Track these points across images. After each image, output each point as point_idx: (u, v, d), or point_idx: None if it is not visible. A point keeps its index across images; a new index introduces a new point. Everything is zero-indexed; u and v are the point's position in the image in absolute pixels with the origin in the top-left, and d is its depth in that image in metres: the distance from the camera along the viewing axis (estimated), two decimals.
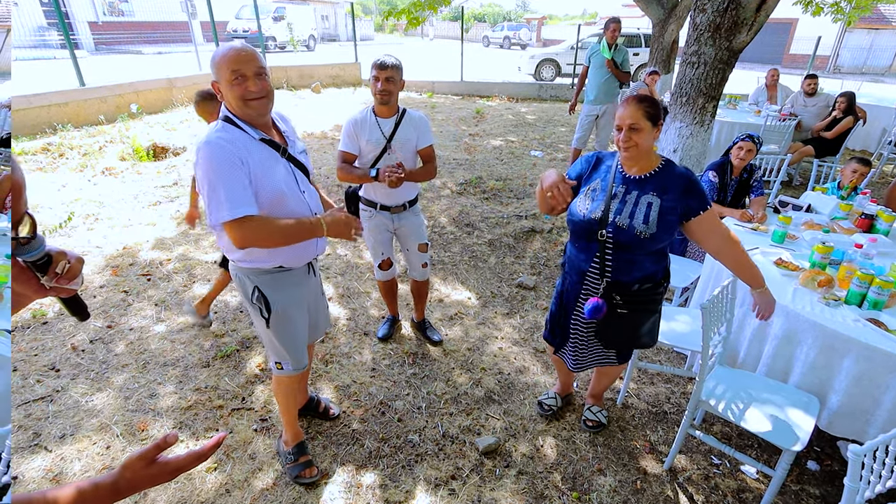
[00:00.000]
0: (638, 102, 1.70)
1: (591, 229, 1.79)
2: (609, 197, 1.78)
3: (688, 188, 1.72)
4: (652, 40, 7.77)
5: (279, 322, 1.80)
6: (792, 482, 2.10)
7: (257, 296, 1.75)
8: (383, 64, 2.29)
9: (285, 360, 1.89)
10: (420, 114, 2.50)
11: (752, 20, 3.91)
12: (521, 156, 6.75)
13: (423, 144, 2.49)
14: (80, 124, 6.65)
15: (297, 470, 2.04)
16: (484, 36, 32.88)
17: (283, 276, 1.78)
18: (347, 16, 26.96)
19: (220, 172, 1.47)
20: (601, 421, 2.34)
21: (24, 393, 2.42)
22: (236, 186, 1.49)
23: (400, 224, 2.61)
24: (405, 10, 7.27)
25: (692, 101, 4.40)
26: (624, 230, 1.73)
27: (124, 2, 18.72)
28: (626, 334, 1.95)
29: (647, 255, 1.78)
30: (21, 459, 2.07)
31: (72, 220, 4.18)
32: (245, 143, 1.56)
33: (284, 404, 2.04)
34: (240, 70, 1.51)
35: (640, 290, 1.83)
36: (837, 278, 2.22)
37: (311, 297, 1.97)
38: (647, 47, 12.85)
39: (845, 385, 1.88)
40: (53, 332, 2.88)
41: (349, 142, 2.43)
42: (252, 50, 1.55)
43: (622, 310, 1.85)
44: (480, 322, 3.18)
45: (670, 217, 1.72)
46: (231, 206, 1.47)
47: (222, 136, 1.53)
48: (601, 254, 1.80)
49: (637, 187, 1.77)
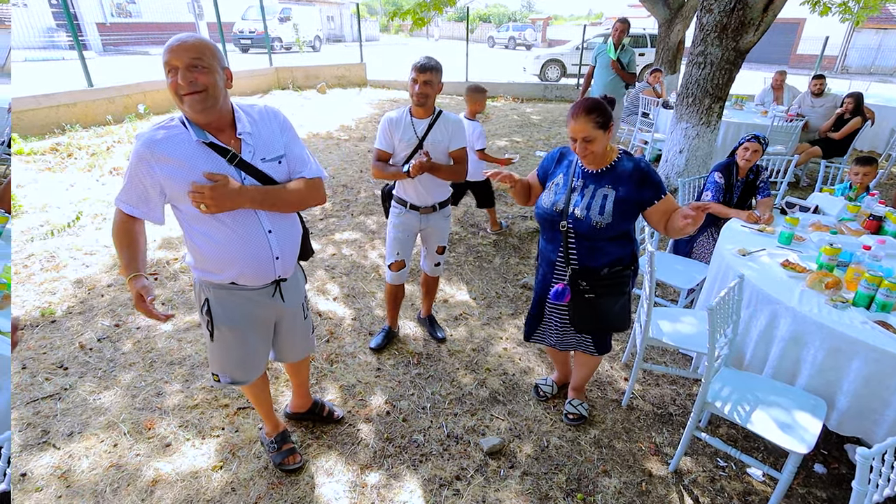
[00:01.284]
0: (587, 114, 1.78)
1: (553, 220, 1.94)
2: (570, 190, 1.93)
3: (641, 180, 1.84)
4: (658, 41, 7.75)
5: (224, 339, 1.72)
6: (798, 485, 2.09)
7: (206, 309, 1.68)
8: (423, 66, 2.31)
9: (224, 374, 1.80)
10: (456, 117, 2.49)
11: (759, 20, 3.89)
12: (526, 156, 6.74)
13: (454, 147, 2.47)
14: (88, 124, 6.70)
15: (280, 457, 2.07)
16: (489, 36, 32.88)
17: (238, 294, 1.67)
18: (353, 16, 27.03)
19: (129, 171, 1.46)
20: (582, 413, 2.38)
21: (33, 391, 2.44)
22: (130, 189, 1.47)
23: (427, 225, 2.62)
24: (410, 11, 7.29)
25: (698, 101, 4.38)
26: (581, 220, 1.86)
27: (132, 3, 18.86)
28: (595, 318, 2.04)
29: (609, 240, 1.90)
30: (30, 456, 2.09)
31: (80, 220, 4.22)
32: (177, 144, 1.44)
33: (254, 402, 2.05)
34: (171, 62, 1.35)
35: (608, 274, 1.94)
36: (845, 280, 2.21)
37: (281, 317, 1.85)
38: (652, 47, 12.81)
39: (854, 387, 1.87)
40: (62, 330, 2.90)
41: (384, 139, 2.45)
42: (196, 40, 1.37)
43: (589, 294, 1.97)
44: (485, 323, 3.18)
45: (625, 206, 1.85)
46: (118, 197, 1.49)
47: (154, 134, 1.44)
48: (564, 243, 1.94)
49: (594, 181, 1.91)
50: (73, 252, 3.74)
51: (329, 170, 5.95)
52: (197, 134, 1.45)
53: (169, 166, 1.44)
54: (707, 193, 3.17)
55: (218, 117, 1.47)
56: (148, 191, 1.47)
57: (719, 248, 2.65)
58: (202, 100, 1.39)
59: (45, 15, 14.52)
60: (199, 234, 1.55)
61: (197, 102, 1.39)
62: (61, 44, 13.41)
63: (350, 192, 5.31)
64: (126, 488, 1.98)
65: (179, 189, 1.45)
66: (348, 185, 5.50)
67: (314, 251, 2.32)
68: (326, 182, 5.49)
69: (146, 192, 1.47)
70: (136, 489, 1.98)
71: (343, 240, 4.23)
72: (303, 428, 2.31)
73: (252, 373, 1.85)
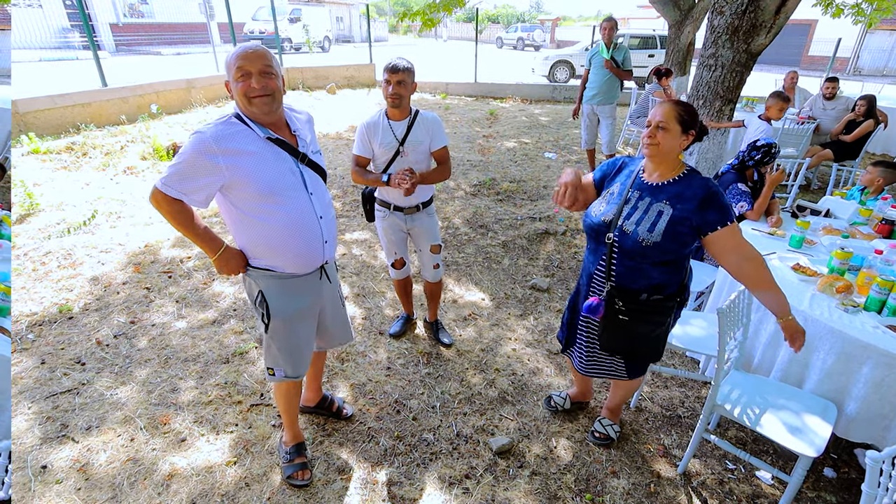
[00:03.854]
0: (675, 105, 1.69)
1: (599, 231, 1.80)
2: (623, 201, 1.77)
3: (706, 200, 1.64)
4: (668, 42, 7.72)
5: (278, 330, 1.80)
6: (808, 489, 2.09)
7: (260, 300, 1.75)
8: (395, 67, 2.30)
9: (279, 368, 1.87)
10: (433, 115, 2.50)
11: (771, 22, 3.87)
12: (535, 157, 6.75)
13: (436, 146, 2.49)
14: (102, 124, 6.80)
15: (291, 470, 2.04)
16: (497, 37, 32.86)
17: (290, 283, 1.77)
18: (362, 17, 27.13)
19: (187, 157, 1.52)
20: (609, 435, 2.28)
21: (52, 385, 2.50)
22: (186, 174, 1.52)
23: (413, 225, 2.64)
24: (420, 12, 7.31)
25: (708, 103, 4.37)
26: (628, 235, 1.71)
27: (144, 3, 19.06)
28: (625, 342, 1.87)
29: (654, 265, 1.73)
30: (49, 449, 2.14)
31: (95, 218, 4.29)
32: (243, 140, 1.57)
33: (283, 406, 2.05)
34: (244, 67, 1.52)
35: (647, 301, 1.78)
36: (856, 284, 2.21)
37: (324, 304, 1.95)
38: (663, 49, 12.75)
39: (864, 392, 1.87)
40: (79, 326, 2.96)
41: (362, 145, 2.46)
42: (263, 50, 1.56)
43: (623, 316, 1.80)
44: (494, 323, 3.20)
45: (681, 228, 1.65)
46: (167, 179, 1.53)
47: (218, 130, 1.55)
48: (608, 257, 1.80)
49: (651, 194, 1.74)
50: (89, 250, 3.81)
51: (338, 170, 5.99)
52: (263, 131, 1.61)
53: (237, 158, 1.56)
54: (743, 204, 3.05)
55: (278, 118, 1.67)
56: (203, 179, 1.54)
57: None
58: (270, 102, 1.57)
59: (60, 15, 14.73)
60: (257, 223, 1.65)
61: (266, 104, 1.57)
62: (75, 44, 13.60)
63: (359, 192, 5.34)
64: (143, 482, 2.02)
65: (245, 179, 1.57)
66: (358, 185, 5.54)
67: None
68: (335, 182, 5.55)
69: (200, 180, 1.54)
70: (152, 483, 2.02)
71: (353, 240, 4.27)
72: (315, 425, 2.34)
73: (302, 367, 1.93)
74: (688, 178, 1.72)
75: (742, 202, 3.03)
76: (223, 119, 1.59)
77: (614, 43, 5.36)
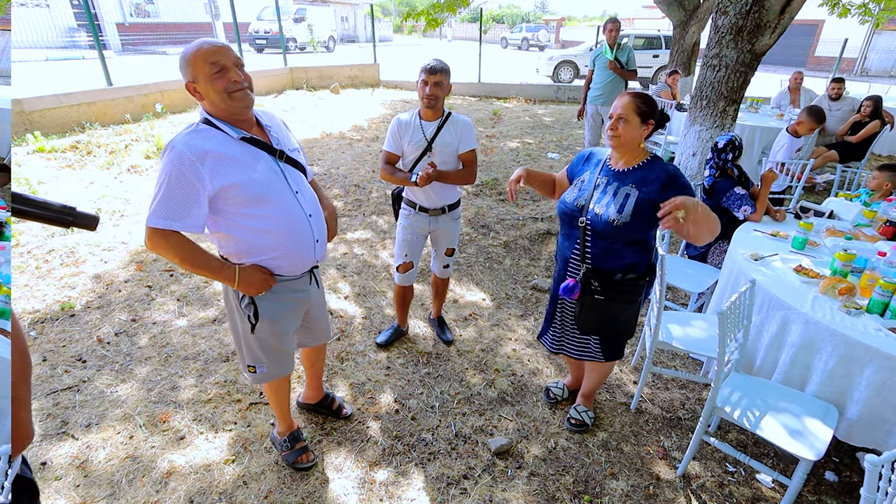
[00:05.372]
0: (632, 97, 1.81)
1: (573, 216, 1.93)
2: (593, 187, 1.92)
3: (668, 182, 1.80)
4: (672, 42, 7.69)
5: (265, 331, 1.75)
6: (809, 492, 2.08)
7: (247, 302, 1.68)
8: (433, 68, 2.31)
9: (261, 365, 1.83)
10: (465, 118, 2.50)
11: (775, 22, 3.85)
12: (538, 158, 6.74)
13: (464, 149, 2.47)
14: (107, 123, 6.83)
15: (293, 456, 2.09)
16: (502, 37, 32.84)
17: (280, 286, 1.72)
18: (367, 17, 27.16)
19: (168, 181, 1.43)
20: (585, 421, 2.34)
21: (53, 382, 2.51)
22: (173, 199, 1.44)
23: (437, 227, 2.63)
24: (424, 12, 7.32)
25: (712, 104, 4.34)
26: (599, 217, 1.84)
27: (150, 3, 19.16)
28: (601, 321, 2.00)
29: (626, 245, 1.86)
30: (49, 446, 2.15)
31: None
32: (219, 145, 1.49)
33: (275, 401, 2.04)
34: (219, 61, 1.45)
35: (621, 280, 1.91)
36: (859, 286, 2.18)
37: (310, 305, 1.91)
38: (667, 49, 12.70)
39: (866, 395, 1.85)
40: (80, 324, 2.97)
41: (392, 142, 2.46)
42: (225, 43, 1.51)
43: (599, 296, 1.93)
44: (494, 323, 3.19)
45: (646, 208, 1.80)
46: (155, 215, 1.44)
47: (191, 140, 1.46)
48: (581, 240, 1.92)
49: (618, 179, 1.88)
50: (92, 248, 3.83)
51: (341, 169, 6.00)
52: (236, 132, 1.54)
53: (218, 165, 1.48)
54: (746, 208, 3.01)
55: (250, 115, 1.61)
56: (194, 195, 1.46)
57: (731, 253, 2.64)
58: (249, 94, 1.54)
59: (67, 15, 14.84)
60: (246, 228, 1.58)
61: (247, 97, 1.53)
62: (82, 43, 13.70)
63: (362, 191, 5.35)
64: (141, 479, 2.03)
65: (229, 186, 1.49)
66: (360, 184, 5.54)
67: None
68: (338, 181, 5.55)
69: (192, 197, 1.45)
70: (150, 480, 2.03)
71: (354, 239, 4.27)
72: (313, 424, 2.34)
73: (287, 365, 1.92)
74: (650, 164, 1.87)
75: (745, 206, 3.01)
76: (191, 128, 1.50)
77: (618, 43, 5.34)
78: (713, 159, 3.09)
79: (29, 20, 13.74)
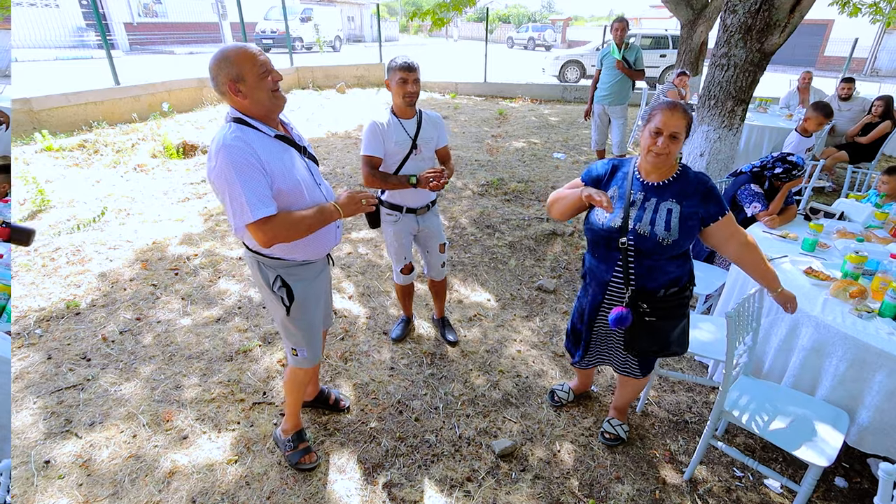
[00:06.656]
0: (683, 112, 1.67)
1: (610, 237, 1.78)
2: (628, 204, 1.77)
3: (706, 194, 1.73)
4: (680, 42, 7.62)
5: (299, 311, 1.84)
6: (818, 499, 2.04)
7: (279, 285, 1.77)
8: (410, 66, 2.29)
9: (301, 348, 1.92)
10: (435, 113, 2.54)
11: (785, 22, 3.80)
12: (544, 158, 6.71)
13: (441, 144, 2.55)
14: (114, 122, 6.87)
15: (297, 456, 2.09)
16: (508, 37, 32.77)
17: (305, 268, 1.83)
18: (373, 17, 27.21)
19: (240, 175, 1.47)
20: (620, 435, 2.27)
21: (57, 380, 2.52)
22: (256, 188, 1.49)
23: (424, 225, 2.62)
24: (430, 11, 7.30)
25: (720, 104, 4.30)
26: (646, 237, 1.72)
27: (158, 3, 19.28)
28: (656, 342, 1.88)
29: (670, 259, 1.77)
30: (53, 444, 2.15)
31: (105, 215, 4.33)
32: (261, 142, 1.56)
33: (293, 396, 2.08)
34: (266, 62, 1.56)
35: (666, 296, 1.81)
36: (871, 289, 2.14)
37: (326, 286, 2.03)
38: (675, 49, 12.61)
39: (877, 400, 1.81)
40: (85, 322, 2.98)
41: (375, 145, 2.37)
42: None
43: (650, 317, 1.82)
44: (499, 324, 3.17)
45: (691, 222, 1.73)
46: (253, 209, 1.49)
47: (238, 137, 1.51)
48: (623, 262, 1.79)
49: (656, 194, 1.76)
50: (98, 246, 3.84)
51: (346, 168, 6.00)
52: (270, 130, 1.63)
53: (270, 159, 1.57)
54: (756, 205, 2.98)
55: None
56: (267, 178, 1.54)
57: None
58: (283, 94, 1.64)
59: (76, 15, 14.96)
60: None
61: (283, 96, 1.64)
62: (90, 43, 13.80)
63: None
64: (144, 478, 2.03)
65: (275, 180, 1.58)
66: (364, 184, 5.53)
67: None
68: (343, 181, 5.55)
69: (266, 181, 1.53)
70: (153, 479, 2.02)
71: (359, 238, 4.26)
72: (316, 425, 2.33)
73: (319, 349, 1.99)
74: (683, 175, 1.77)
75: (755, 203, 2.96)
76: (230, 129, 1.54)
77: (626, 43, 5.31)
78: (770, 158, 3.04)
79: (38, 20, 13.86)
